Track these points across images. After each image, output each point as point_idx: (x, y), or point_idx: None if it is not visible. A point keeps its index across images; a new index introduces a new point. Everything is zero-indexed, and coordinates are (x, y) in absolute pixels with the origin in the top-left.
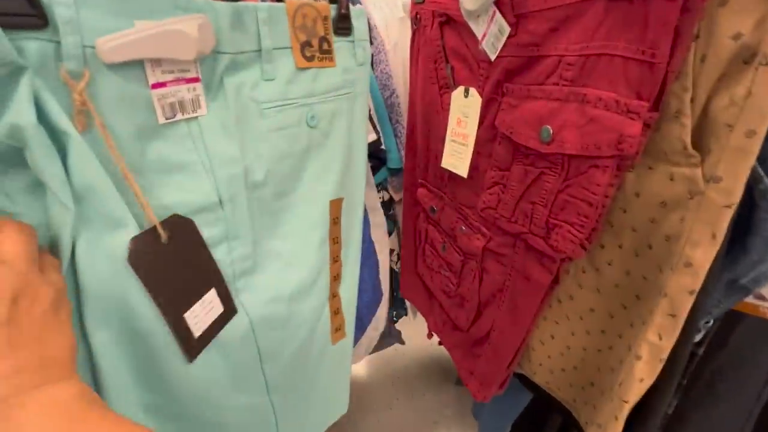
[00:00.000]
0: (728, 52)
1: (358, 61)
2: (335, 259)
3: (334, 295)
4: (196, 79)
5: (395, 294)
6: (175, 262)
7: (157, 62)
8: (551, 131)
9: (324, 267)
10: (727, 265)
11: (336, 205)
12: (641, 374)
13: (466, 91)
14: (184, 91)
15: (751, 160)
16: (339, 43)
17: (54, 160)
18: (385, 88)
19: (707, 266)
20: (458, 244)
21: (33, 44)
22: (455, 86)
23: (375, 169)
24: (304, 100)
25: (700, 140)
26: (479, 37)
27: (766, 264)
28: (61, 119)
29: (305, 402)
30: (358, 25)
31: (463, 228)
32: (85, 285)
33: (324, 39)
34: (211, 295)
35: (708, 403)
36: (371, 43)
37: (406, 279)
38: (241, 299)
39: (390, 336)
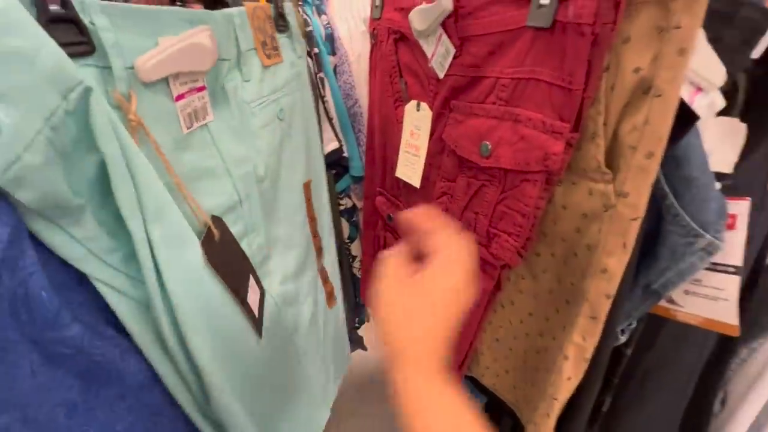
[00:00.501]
0: (631, 83)
1: (298, 54)
2: (315, 234)
3: (321, 267)
4: (203, 88)
5: (357, 300)
6: (227, 257)
7: (176, 76)
8: (489, 147)
9: (310, 244)
10: (642, 272)
11: (307, 187)
12: (568, 373)
13: (418, 105)
14: (196, 100)
15: (652, 178)
16: (281, 39)
17: (130, 188)
18: (348, 97)
19: (620, 273)
20: None
21: (84, 71)
22: (408, 100)
23: (338, 177)
24: (272, 96)
25: (612, 160)
26: (429, 56)
27: (673, 271)
28: (129, 143)
29: (324, 363)
30: (292, 20)
31: None
32: (176, 297)
33: (272, 37)
34: (252, 281)
35: (639, 400)
36: (334, 53)
37: (368, 287)
38: (264, 284)
39: (352, 342)
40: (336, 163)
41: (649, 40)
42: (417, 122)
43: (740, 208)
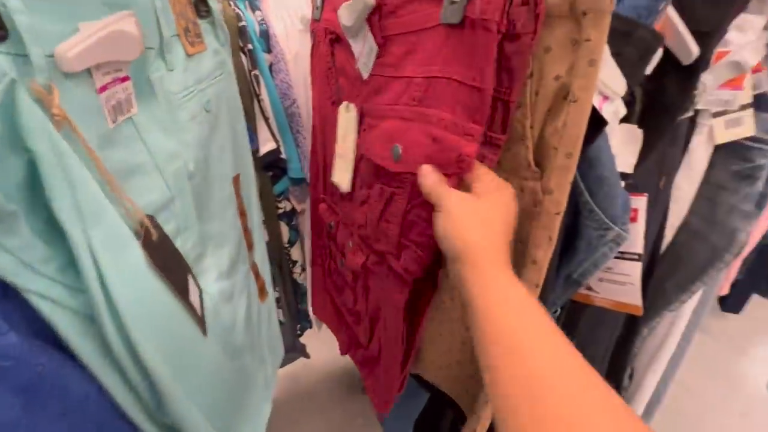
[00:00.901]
0: (552, 89)
1: (221, 42)
2: (245, 229)
3: (253, 262)
4: (127, 78)
5: (299, 307)
6: (166, 257)
7: (98, 65)
8: (400, 150)
9: (241, 239)
10: (563, 264)
11: (236, 181)
12: None
13: (347, 107)
14: (120, 92)
15: (571, 176)
16: (203, 26)
17: (66, 190)
18: (285, 97)
19: (547, 263)
20: (347, 262)
21: None
22: (342, 102)
23: (276, 179)
24: (197, 87)
25: (539, 159)
26: (356, 56)
27: (589, 261)
28: (59, 140)
29: (261, 357)
30: (214, 5)
31: (350, 244)
32: (122, 303)
33: (194, 23)
34: (191, 280)
35: None
36: (270, 51)
37: (318, 298)
38: (200, 282)
39: (294, 350)
40: (273, 165)
41: (566, 51)
42: (346, 125)
43: (640, 203)
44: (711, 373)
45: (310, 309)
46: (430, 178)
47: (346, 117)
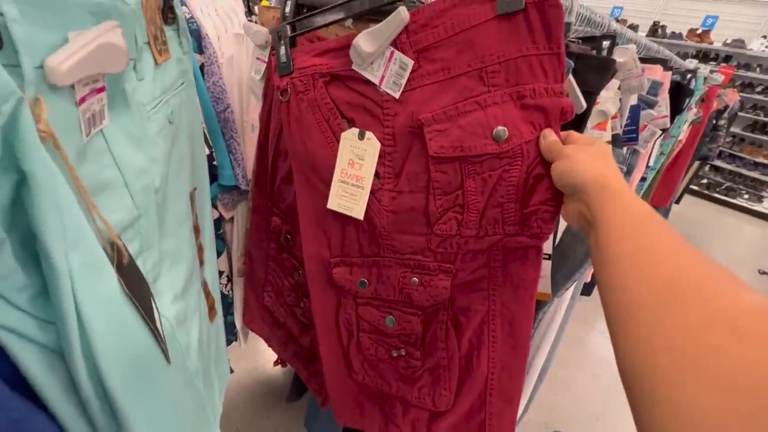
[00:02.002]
0: None
1: (184, 50)
2: (199, 246)
3: (203, 280)
4: (103, 89)
5: (226, 318)
6: (133, 281)
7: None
8: (505, 130)
9: (195, 257)
10: None
11: (192, 196)
12: None
13: (362, 134)
14: (96, 103)
15: None
16: (168, 33)
17: (57, 214)
18: (218, 101)
19: None
20: (415, 302)
21: None
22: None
23: None
24: (163, 97)
25: None
26: (377, 82)
27: None
28: (49, 160)
29: (209, 382)
30: (179, 12)
31: (416, 279)
32: (94, 331)
33: (161, 30)
34: (154, 305)
35: None
36: (202, 52)
37: (251, 311)
38: (157, 304)
39: None
40: None
41: None
42: (359, 152)
43: None
44: (570, 345)
45: (237, 322)
46: (549, 137)
47: (361, 144)
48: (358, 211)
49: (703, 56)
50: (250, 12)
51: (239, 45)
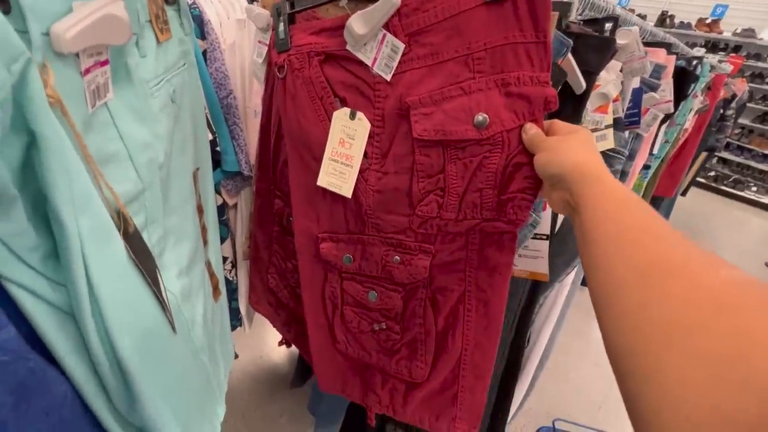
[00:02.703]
0: None
1: (186, 31)
2: (203, 226)
3: (207, 260)
4: (107, 62)
5: (230, 304)
6: (139, 250)
7: (85, 48)
8: (486, 117)
9: (199, 235)
10: None
11: (195, 176)
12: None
13: (353, 114)
14: (100, 76)
15: None
16: (170, 13)
17: (67, 175)
18: (221, 87)
19: None
20: (396, 279)
21: None
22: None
23: None
24: (165, 75)
25: None
26: (369, 63)
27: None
28: (58, 124)
29: (215, 359)
30: None
31: (397, 258)
32: (104, 297)
33: (163, 9)
34: (159, 276)
35: None
36: (204, 38)
37: (257, 293)
38: (162, 278)
39: None
40: None
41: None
42: (349, 131)
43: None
44: (572, 333)
45: (241, 307)
46: (532, 130)
47: (352, 124)
48: (347, 189)
49: (712, 46)
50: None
51: (241, 31)
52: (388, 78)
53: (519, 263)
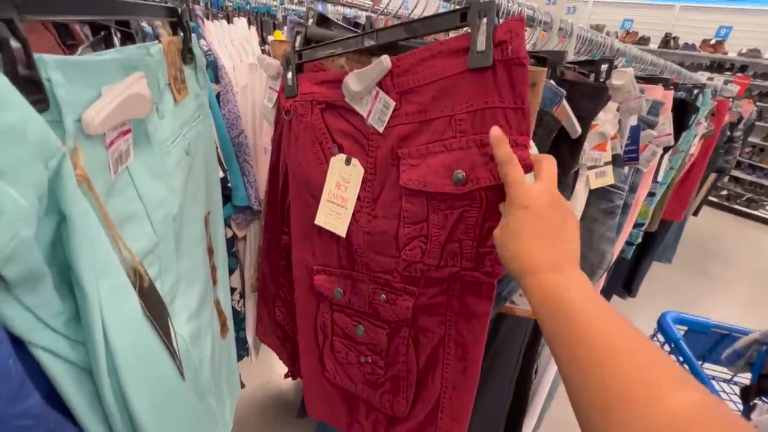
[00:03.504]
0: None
1: (201, 85)
2: (212, 266)
3: (216, 298)
4: (129, 131)
5: (238, 335)
6: (154, 303)
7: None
8: (464, 173)
9: (209, 276)
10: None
11: (206, 219)
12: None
13: (348, 160)
14: (122, 144)
15: None
16: (187, 71)
17: (91, 249)
18: (233, 127)
19: None
20: (382, 316)
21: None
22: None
23: None
24: (181, 131)
25: None
26: (364, 115)
27: (514, 282)
28: (84, 201)
29: (220, 396)
30: (197, 51)
31: (384, 296)
32: (120, 355)
33: (181, 70)
34: (170, 324)
35: (490, 378)
36: (218, 82)
37: (264, 326)
38: (173, 324)
39: None
40: None
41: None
42: (345, 175)
43: None
44: None
45: (249, 337)
46: (509, 175)
47: (347, 169)
48: (341, 229)
49: (718, 66)
50: (263, 41)
51: (253, 74)
52: (381, 130)
53: (521, 303)
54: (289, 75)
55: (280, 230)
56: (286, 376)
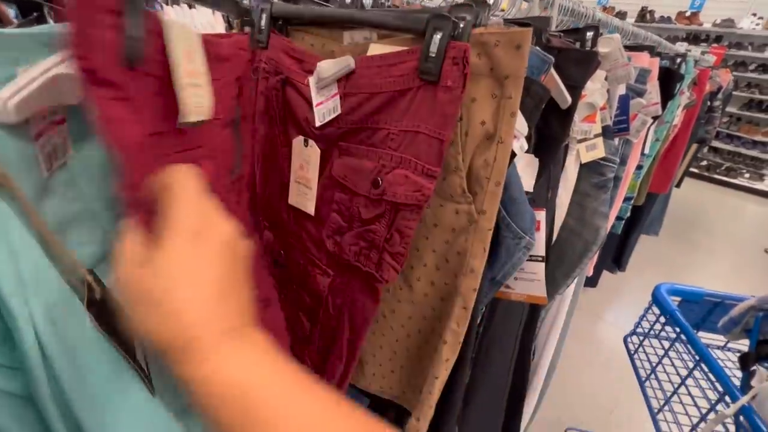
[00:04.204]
0: (479, 131)
1: None
2: None
3: None
4: (63, 120)
5: None
6: (110, 314)
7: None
8: (381, 183)
9: None
10: (488, 269)
11: None
12: (447, 355)
13: (306, 141)
14: (56, 136)
15: (499, 199)
16: None
17: (11, 260)
18: None
19: (482, 271)
20: (307, 286)
21: None
22: (288, 135)
23: None
24: None
25: (471, 186)
26: (315, 103)
27: (508, 264)
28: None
29: None
30: None
31: (310, 269)
32: (63, 373)
33: None
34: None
35: (486, 364)
36: None
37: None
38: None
39: None
40: None
41: (488, 102)
42: (306, 157)
43: (541, 216)
44: (578, 337)
45: None
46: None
47: (307, 150)
48: (311, 208)
49: (694, 38)
50: (230, 27)
51: None
52: (317, 124)
53: (516, 286)
54: (263, 20)
55: (261, 227)
56: None
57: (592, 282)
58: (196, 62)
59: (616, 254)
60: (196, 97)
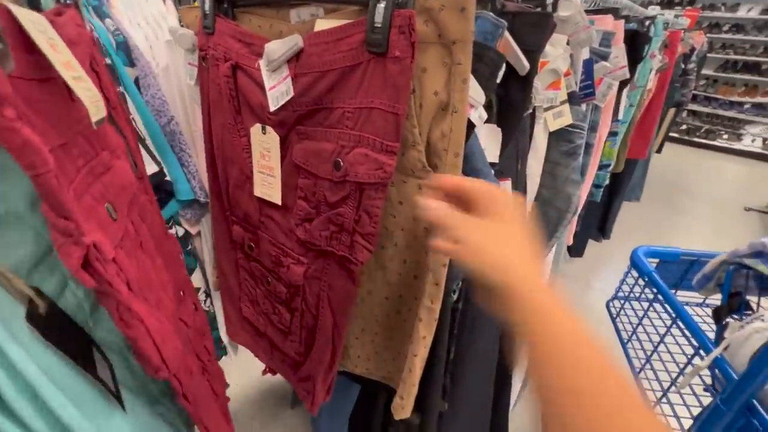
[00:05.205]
0: (433, 102)
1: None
2: None
3: None
4: None
5: (212, 334)
6: (61, 328)
7: None
8: (342, 164)
9: None
10: None
11: None
12: (423, 332)
13: (264, 128)
14: None
15: (460, 171)
16: None
17: None
18: (160, 114)
19: None
20: (282, 277)
21: None
22: (245, 124)
23: (162, 203)
24: None
25: (430, 160)
26: (267, 87)
27: None
28: None
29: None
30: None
31: (283, 259)
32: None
33: None
34: (96, 353)
35: (471, 343)
36: (134, 65)
37: (233, 324)
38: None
39: None
40: (157, 188)
41: (439, 71)
42: (265, 144)
43: (506, 185)
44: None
45: (223, 336)
46: (437, 211)
47: (264, 138)
48: (277, 197)
49: (668, 3)
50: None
51: (174, 52)
52: (272, 108)
53: None
54: (207, 4)
55: (229, 221)
56: (264, 372)
57: (578, 252)
58: (63, 51)
59: (599, 223)
60: (87, 91)
